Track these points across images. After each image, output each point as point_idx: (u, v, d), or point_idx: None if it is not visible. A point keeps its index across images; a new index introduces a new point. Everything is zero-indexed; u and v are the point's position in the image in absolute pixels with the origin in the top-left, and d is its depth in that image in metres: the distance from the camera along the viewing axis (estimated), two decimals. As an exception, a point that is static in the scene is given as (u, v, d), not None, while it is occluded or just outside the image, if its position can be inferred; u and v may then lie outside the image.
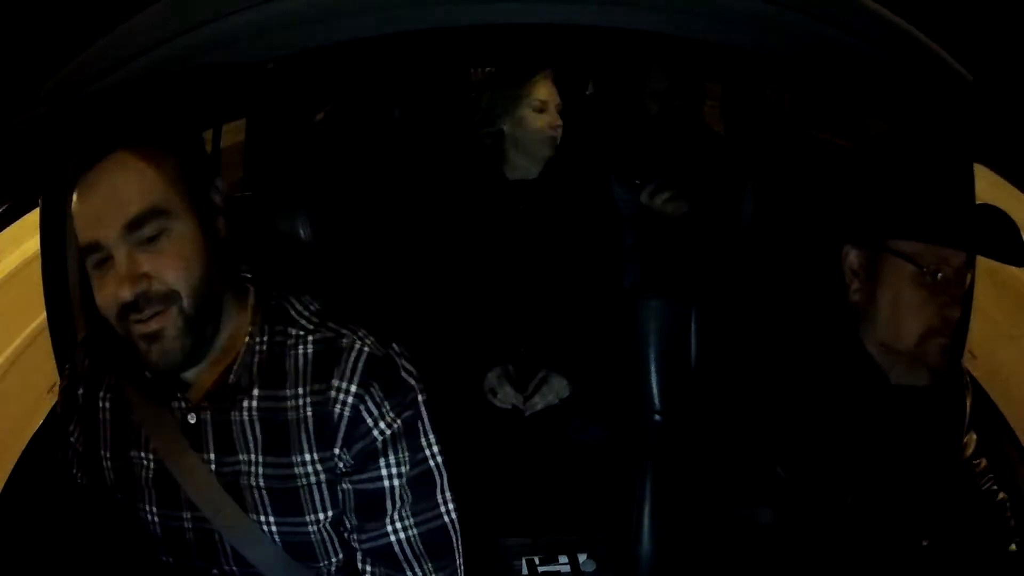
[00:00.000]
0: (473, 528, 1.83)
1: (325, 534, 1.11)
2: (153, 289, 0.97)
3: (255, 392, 1.06)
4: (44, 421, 1.41)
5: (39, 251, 1.46)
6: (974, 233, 1.14)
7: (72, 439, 1.15)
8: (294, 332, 1.07)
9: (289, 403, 1.05)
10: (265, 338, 1.07)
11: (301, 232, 1.45)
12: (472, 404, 1.94)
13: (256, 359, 1.06)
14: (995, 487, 1.36)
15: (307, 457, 1.06)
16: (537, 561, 1.83)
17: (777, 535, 1.17)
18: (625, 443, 1.65)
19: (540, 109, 2.02)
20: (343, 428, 1.05)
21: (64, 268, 1.46)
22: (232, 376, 1.06)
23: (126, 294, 0.95)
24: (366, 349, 1.05)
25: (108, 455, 1.12)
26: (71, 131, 1.13)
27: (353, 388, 1.04)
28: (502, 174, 2.09)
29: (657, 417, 1.50)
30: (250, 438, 1.06)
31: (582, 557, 1.83)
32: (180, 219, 0.99)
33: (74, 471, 1.17)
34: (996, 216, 1.14)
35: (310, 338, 1.07)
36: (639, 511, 1.50)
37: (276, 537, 1.09)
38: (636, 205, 2.19)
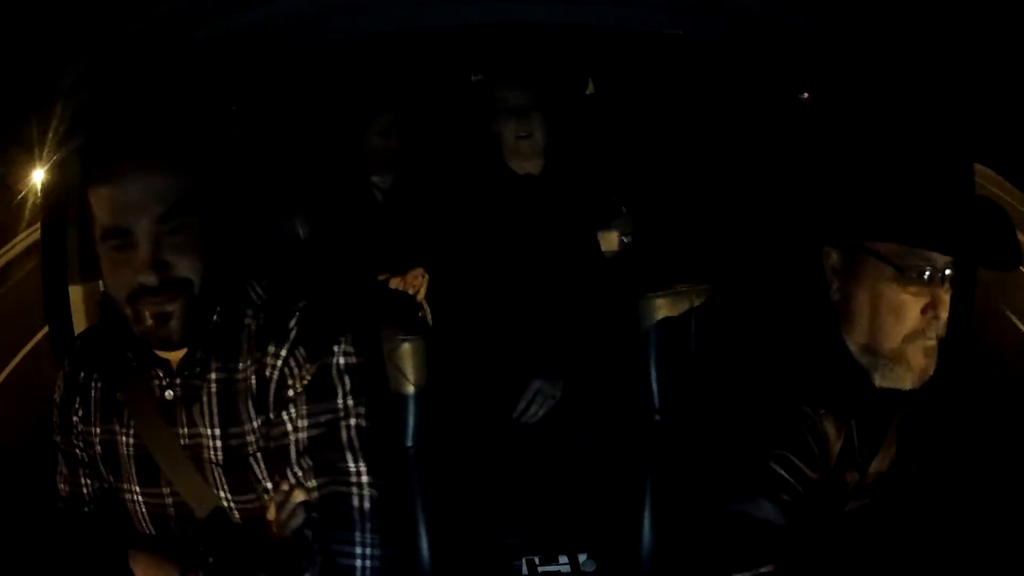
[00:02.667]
0: (473, 528, 1.84)
1: None
2: (172, 276, 1.06)
3: (215, 368, 1.14)
4: (44, 421, 1.41)
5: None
6: (954, 234, 1.10)
7: (75, 418, 1.21)
8: (250, 312, 1.16)
9: (239, 375, 1.14)
10: (225, 318, 1.15)
11: (300, 232, 1.45)
12: (471, 402, 1.94)
13: (219, 338, 1.14)
14: (991, 492, 1.35)
15: (249, 427, 1.14)
16: (537, 561, 1.82)
17: (776, 535, 1.16)
18: (625, 443, 1.65)
19: (509, 114, 2.01)
20: (272, 390, 1.13)
21: (64, 269, 1.46)
22: (199, 352, 1.14)
23: (151, 279, 1.04)
24: (303, 318, 1.14)
25: (97, 435, 1.19)
26: (80, 129, 1.16)
27: (283, 353, 1.13)
28: (507, 168, 2.08)
29: (657, 417, 1.50)
30: (205, 413, 1.14)
31: (582, 557, 1.82)
32: (200, 216, 1.08)
33: (75, 449, 1.21)
34: (991, 215, 1.10)
35: (261, 315, 1.16)
36: (639, 511, 1.50)
37: (235, 514, 1.15)
38: (639, 202, 2.19)
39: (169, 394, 1.15)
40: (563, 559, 1.82)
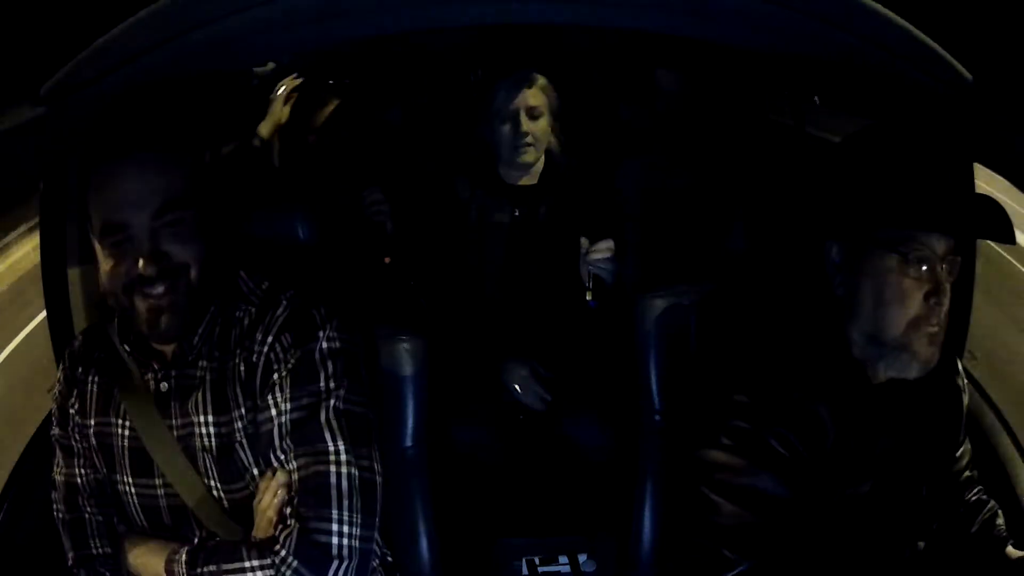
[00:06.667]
0: (473, 528, 1.84)
1: None
2: (168, 265, 1.10)
3: (208, 359, 1.19)
4: (44, 421, 1.41)
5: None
6: (954, 215, 1.13)
7: (72, 410, 1.24)
8: (243, 306, 1.21)
9: (229, 365, 1.18)
10: (219, 310, 1.20)
11: (300, 234, 1.45)
12: (471, 404, 1.94)
13: (212, 329, 1.19)
14: (984, 496, 1.35)
15: (237, 413, 1.17)
16: (537, 561, 1.83)
17: (773, 513, 1.16)
18: (625, 443, 1.65)
19: (506, 116, 1.97)
20: (259, 376, 1.16)
21: (64, 268, 1.46)
22: (193, 344, 1.18)
23: (149, 270, 1.09)
24: (290, 307, 1.18)
25: (92, 427, 1.22)
26: (79, 129, 1.16)
27: (269, 339, 1.17)
28: (499, 178, 2.07)
29: (657, 417, 1.50)
30: (199, 402, 1.17)
31: (582, 557, 1.83)
32: (194, 208, 1.12)
33: (71, 442, 1.24)
34: (984, 201, 1.13)
35: (252, 309, 1.20)
36: (639, 511, 1.50)
37: (224, 503, 1.18)
38: (639, 203, 2.19)
39: (164, 386, 1.19)
40: (563, 559, 1.83)
